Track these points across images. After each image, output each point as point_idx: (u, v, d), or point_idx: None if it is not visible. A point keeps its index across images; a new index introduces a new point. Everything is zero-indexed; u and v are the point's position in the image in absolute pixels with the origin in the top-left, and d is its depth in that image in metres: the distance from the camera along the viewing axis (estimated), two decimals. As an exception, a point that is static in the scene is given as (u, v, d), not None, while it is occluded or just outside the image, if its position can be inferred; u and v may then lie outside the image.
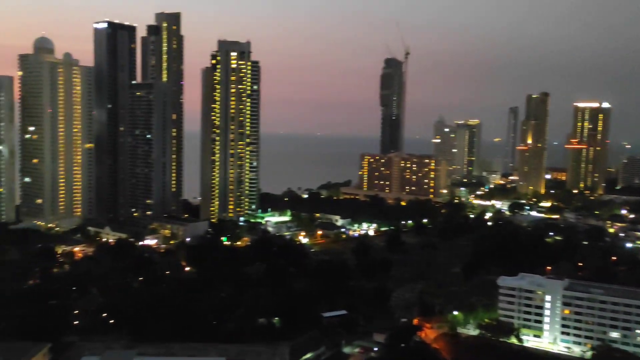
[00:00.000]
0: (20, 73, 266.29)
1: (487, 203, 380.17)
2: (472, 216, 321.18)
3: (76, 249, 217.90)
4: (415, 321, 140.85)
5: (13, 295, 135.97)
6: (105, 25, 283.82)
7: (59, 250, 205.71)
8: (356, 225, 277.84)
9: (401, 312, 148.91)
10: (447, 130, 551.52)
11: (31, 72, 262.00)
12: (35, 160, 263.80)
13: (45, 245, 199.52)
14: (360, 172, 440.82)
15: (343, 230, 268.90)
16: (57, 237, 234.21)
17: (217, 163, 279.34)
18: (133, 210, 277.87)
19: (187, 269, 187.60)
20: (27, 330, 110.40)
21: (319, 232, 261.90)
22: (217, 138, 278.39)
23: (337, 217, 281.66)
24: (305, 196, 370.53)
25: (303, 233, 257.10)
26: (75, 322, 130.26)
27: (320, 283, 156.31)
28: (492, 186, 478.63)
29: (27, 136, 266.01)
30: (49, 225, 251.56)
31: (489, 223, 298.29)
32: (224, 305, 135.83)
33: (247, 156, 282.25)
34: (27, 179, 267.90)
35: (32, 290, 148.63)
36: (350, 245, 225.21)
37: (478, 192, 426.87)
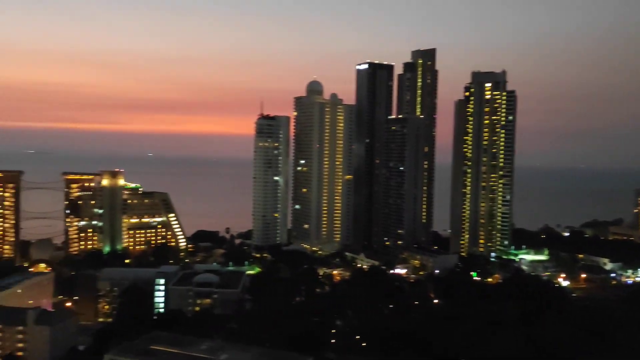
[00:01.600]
0: (295, 113, 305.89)
1: None
2: None
3: (335, 272, 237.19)
4: None
5: (284, 309, 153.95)
6: (366, 66, 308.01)
7: (321, 272, 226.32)
8: (630, 271, 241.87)
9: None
10: None
11: (304, 112, 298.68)
12: (304, 190, 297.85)
13: (310, 267, 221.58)
14: (635, 210, 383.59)
15: (613, 275, 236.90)
16: (320, 259, 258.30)
17: (468, 196, 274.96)
18: (385, 239, 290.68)
19: (435, 301, 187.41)
20: (293, 342, 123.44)
21: (583, 276, 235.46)
22: (469, 170, 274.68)
23: (605, 260, 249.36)
24: (566, 234, 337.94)
25: (563, 275, 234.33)
26: (332, 340, 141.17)
27: (582, 332, 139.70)
28: None
29: (298, 168, 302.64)
30: (313, 248, 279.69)
31: None
32: (472, 342, 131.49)
33: (500, 189, 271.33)
34: (297, 207, 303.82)
35: (298, 306, 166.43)
36: (621, 294, 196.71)
37: None
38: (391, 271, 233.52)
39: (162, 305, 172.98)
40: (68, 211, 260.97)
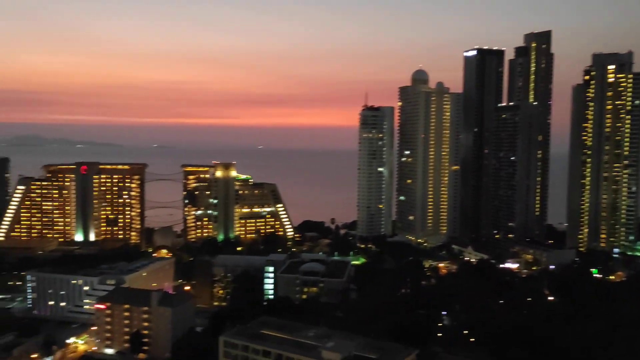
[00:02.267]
0: (399, 103, 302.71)
1: None
2: None
3: (441, 264, 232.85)
4: None
5: (389, 300, 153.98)
6: (474, 52, 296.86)
7: (426, 264, 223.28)
8: None
9: None
10: None
11: (409, 102, 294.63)
12: (408, 181, 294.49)
13: (415, 259, 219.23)
14: None
15: None
16: (425, 251, 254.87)
17: (587, 187, 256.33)
18: (495, 232, 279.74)
19: (550, 298, 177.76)
20: (398, 334, 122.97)
21: None
22: (588, 160, 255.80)
23: None
24: None
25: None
26: (438, 334, 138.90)
27: None
28: None
29: (403, 159, 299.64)
30: (419, 240, 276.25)
31: None
32: (591, 344, 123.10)
33: (625, 180, 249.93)
34: (402, 198, 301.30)
35: (403, 298, 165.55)
36: None
37: None
38: (501, 265, 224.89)
39: (271, 291, 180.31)
40: (186, 201, 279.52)
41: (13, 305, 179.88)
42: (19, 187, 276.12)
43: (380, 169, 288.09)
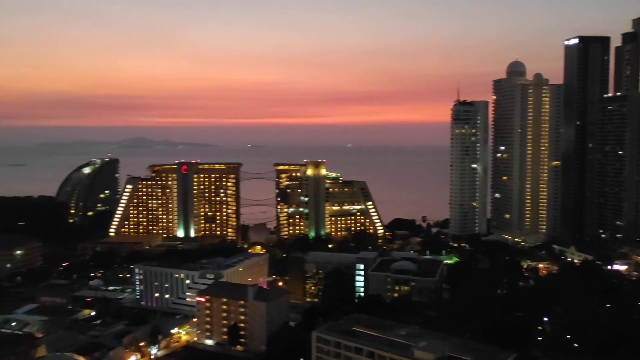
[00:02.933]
0: (494, 97, 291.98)
1: None
2: None
3: (540, 265, 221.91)
4: None
5: (484, 301, 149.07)
6: (576, 41, 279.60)
7: (524, 264, 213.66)
8: None
9: None
10: None
11: (504, 95, 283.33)
12: (504, 178, 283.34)
13: (512, 258, 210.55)
14: None
15: None
16: (523, 251, 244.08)
17: None
18: (600, 231, 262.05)
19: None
20: (493, 336, 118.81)
21: None
22: None
23: None
24: None
25: None
26: (538, 338, 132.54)
27: None
28: None
29: (498, 155, 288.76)
30: (515, 239, 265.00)
31: None
32: None
33: None
34: (497, 195, 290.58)
35: (500, 299, 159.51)
36: None
37: None
38: (608, 267, 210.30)
39: (362, 289, 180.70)
40: (279, 199, 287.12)
41: (123, 296, 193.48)
42: (127, 186, 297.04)
43: (473, 166, 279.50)
